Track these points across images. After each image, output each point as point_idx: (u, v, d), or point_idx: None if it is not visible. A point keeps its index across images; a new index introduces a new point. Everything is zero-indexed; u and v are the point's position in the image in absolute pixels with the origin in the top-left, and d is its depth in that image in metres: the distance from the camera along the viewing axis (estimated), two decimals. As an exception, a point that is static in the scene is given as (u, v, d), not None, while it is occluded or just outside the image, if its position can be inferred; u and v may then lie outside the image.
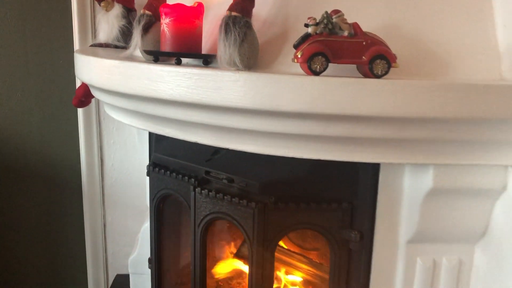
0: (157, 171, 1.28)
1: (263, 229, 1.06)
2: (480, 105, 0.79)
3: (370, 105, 0.79)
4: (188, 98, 0.88)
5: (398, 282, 1.07)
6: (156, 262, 1.39)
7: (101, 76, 1.04)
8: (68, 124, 1.74)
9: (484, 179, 0.94)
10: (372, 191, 1.02)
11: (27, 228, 1.83)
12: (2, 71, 1.68)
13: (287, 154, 0.91)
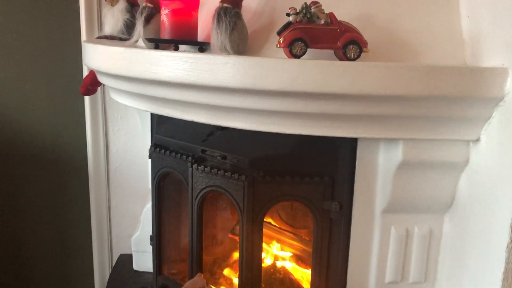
0: (158, 151, 1.39)
1: (252, 200, 1.17)
2: (438, 84, 0.90)
3: (342, 84, 0.90)
4: (185, 79, 0.99)
5: (375, 249, 1.17)
6: (157, 237, 1.50)
7: (107, 62, 1.15)
8: (76, 112, 1.84)
9: (449, 153, 1.04)
10: (351, 166, 1.13)
11: (37, 210, 1.93)
12: (14, 61, 1.78)
13: (272, 129, 1.02)
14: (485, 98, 0.93)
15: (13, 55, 1.78)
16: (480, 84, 0.91)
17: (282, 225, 1.51)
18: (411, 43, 1.07)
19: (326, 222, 1.17)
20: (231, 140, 1.24)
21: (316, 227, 1.18)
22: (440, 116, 0.97)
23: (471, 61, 1.03)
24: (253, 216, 1.18)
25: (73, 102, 1.84)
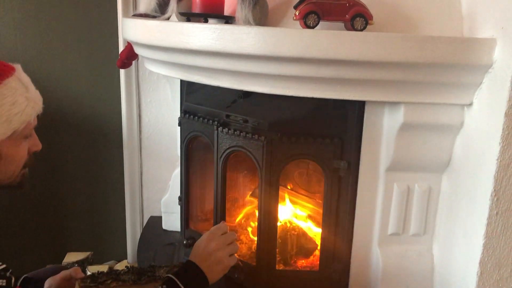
0: (188, 117, 1.54)
1: (270, 158, 1.32)
2: (434, 52, 1.02)
3: (350, 51, 1.03)
4: (213, 48, 1.14)
5: (379, 203, 1.31)
6: (186, 195, 1.66)
7: (146, 34, 1.31)
8: (112, 85, 2.00)
9: (445, 116, 1.16)
10: (358, 128, 1.26)
11: (76, 174, 2.11)
12: (56, 39, 1.94)
13: (288, 93, 1.16)
14: (476, 65, 1.05)
15: (56, 32, 1.95)
16: (471, 53, 1.03)
17: (298, 190, 1.65)
18: (413, 17, 1.19)
19: (335, 179, 1.31)
20: (252, 106, 1.38)
21: (326, 183, 1.32)
22: (437, 81, 1.09)
23: (468, 34, 1.15)
24: (271, 173, 1.33)
25: (110, 76, 2.00)
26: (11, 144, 0.98)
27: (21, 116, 0.97)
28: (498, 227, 1.06)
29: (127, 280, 1.23)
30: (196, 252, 1.21)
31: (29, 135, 1.04)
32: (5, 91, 0.95)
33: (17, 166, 1.02)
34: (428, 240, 1.32)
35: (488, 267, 1.09)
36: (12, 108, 0.96)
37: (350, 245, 1.35)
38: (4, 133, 0.94)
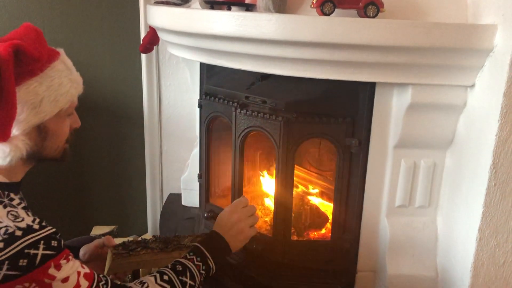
0: (208, 98, 1.65)
1: (287, 136, 1.42)
2: (439, 37, 1.12)
3: (362, 37, 1.13)
4: (236, 33, 1.24)
5: (387, 178, 1.42)
6: (207, 171, 1.77)
7: (171, 20, 1.42)
8: (134, 69, 2.11)
9: (450, 97, 1.26)
10: (369, 108, 1.36)
11: (99, 153, 2.23)
12: (82, 25, 2.05)
13: (305, 75, 1.26)
14: (478, 49, 1.15)
15: (81, 19, 2.05)
16: (474, 38, 1.13)
17: (310, 168, 1.76)
18: (421, 5, 1.28)
19: (347, 155, 1.42)
20: (269, 88, 1.48)
21: (339, 160, 1.43)
22: (442, 64, 1.19)
23: (472, 20, 1.24)
24: (288, 150, 1.43)
25: (132, 60, 2.11)
26: (57, 121, 1.07)
27: (66, 96, 1.06)
28: (496, 197, 1.17)
29: (155, 248, 1.33)
30: (219, 223, 1.33)
31: (71, 113, 1.13)
32: (53, 74, 1.03)
33: (61, 141, 1.12)
34: (432, 212, 1.43)
35: (487, 234, 1.20)
36: (59, 88, 1.04)
37: (360, 216, 1.46)
38: (52, 111, 1.03)
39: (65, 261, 0.97)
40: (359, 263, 1.51)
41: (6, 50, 0.92)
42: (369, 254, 1.49)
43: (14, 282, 0.89)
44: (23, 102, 0.98)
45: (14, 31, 1.03)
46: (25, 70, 0.98)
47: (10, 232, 0.90)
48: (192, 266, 1.19)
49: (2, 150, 0.98)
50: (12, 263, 0.89)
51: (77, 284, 0.98)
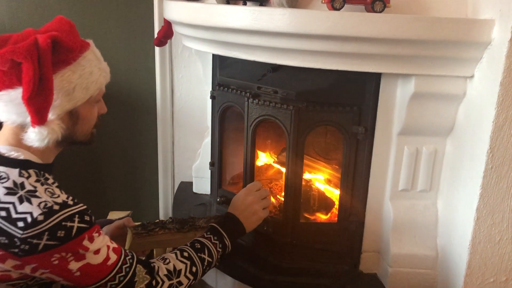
0: (222, 89, 1.74)
1: (297, 124, 1.51)
2: (441, 31, 1.21)
3: (369, 30, 1.22)
4: (251, 27, 1.32)
5: (391, 164, 1.51)
6: (219, 158, 1.85)
7: (190, 14, 1.50)
8: (148, 62, 2.20)
9: (450, 87, 1.35)
10: (375, 98, 1.45)
11: (114, 142, 2.32)
12: (98, 20, 2.14)
13: (315, 66, 1.35)
14: (477, 42, 1.24)
15: (97, 14, 2.14)
16: (473, 32, 1.22)
17: (317, 157, 1.85)
18: (425, 1, 1.37)
19: (353, 142, 1.51)
20: (280, 79, 1.56)
21: (345, 146, 1.52)
22: (444, 56, 1.28)
23: (471, 16, 1.33)
24: (298, 137, 1.52)
25: (146, 54, 2.20)
26: (87, 108, 1.15)
27: (96, 84, 1.13)
28: (492, 179, 1.26)
29: (172, 229, 1.42)
30: (234, 205, 1.42)
31: (99, 100, 1.22)
32: (84, 63, 1.10)
33: (90, 126, 1.20)
34: (433, 196, 1.52)
35: (484, 213, 1.30)
36: (90, 77, 1.11)
37: (365, 200, 1.56)
38: (83, 98, 1.11)
39: (97, 234, 1.06)
40: (364, 244, 1.60)
41: (45, 41, 1.00)
42: (373, 236, 1.59)
43: (52, 251, 0.98)
44: (58, 89, 1.05)
45: (49, 24, 1.11)
46: (60, 59, 1.05)
47: (49, 206, 0.98)
48: (209, 244, 1.28)
49: (41, 132, 1.04)
50: (51, 234, 0.97)
51: (107, 256, 1.07)
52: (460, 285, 1.38)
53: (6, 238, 0.95)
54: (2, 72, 1.02)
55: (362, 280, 1.60)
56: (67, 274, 1.02)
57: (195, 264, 1.23)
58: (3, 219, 0.96)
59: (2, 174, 1.01)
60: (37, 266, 0.99)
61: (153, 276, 1.14)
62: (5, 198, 0.97)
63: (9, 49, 0.97)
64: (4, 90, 1.03)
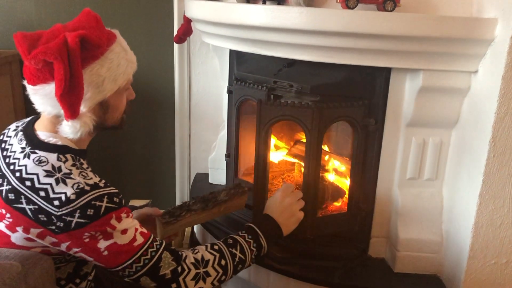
0: (239, 83, 1.83)
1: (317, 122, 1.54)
2: (447, 29, 1.30)
3: (381, 27, 1.32)
4: (271, 24, 1.43)
5: (399, 154, 1.60)
6: (236, 150, 1.95)
7: (212, 13, 1.61)
8: (167, 58, 2.30)
9: (456, 81, 1.44)
10: (385, 91, 1.55)
11: (134, 135, 2.43)
12: (120, 18, 2.25)
13: (330, 61, 1.45)
14: (481, 40, 1.33)
15: (120, 13, 2.26)
16: (478, 30, 1.32)
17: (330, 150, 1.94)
18: (432, 1, 1.47)
19: (364, 133, 1.61)
20: (295, 74, 1.66)
21: (357, 137, 1.62)
22: (450, 52, 1.37)
23: (476, 15, 1.43)
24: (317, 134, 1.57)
25: (165, 51, 2.31)
26: (116, 97, 1.21)
27: (124, 75, 1.17)
28: (494, 167, 1.36)
29: (197, 209, 1.46)
30: (271, 207, 1.42)
31: (128, 88, 1.28)
32: (112, 56, 1.14)
33: (120, 112, 1.27)
34: (439, 184, 1.62)
35: (486, 199, 1.39)
36: (118, 69, 1.15)
37: (375, 188, 1.66)
38: (112, 89, 1.16)
39: (125, 215, 1.11)
40: (373, 230, 1.70)
41: (73, 40, 1.04)
42: (382, 222, 1.68)
43: (83, 229, 1.04)
44: (88, 83, 1.10)
45: (77, 19, 1.16)
46: (89, 55, 1.10)
47: (81, 187, 1.05)
48: (243, 242, 1.29)
49: (74, 126, 1.10)
50: (82, 212, 1.03)
51: (133, 238, 1.11)
52: (463, 267, 1.47)
53: (45, 216, 1.04)
54: (36, 69, 1.09)
55: (371, 264, 1.69)
56: (96, 253, 1.08)
57: (224, 257, 1.23)
58: (42, 199, 1.04)
59: (42, 158, 1.09)
60: (70, 244, 1.07)
61: (179, 263, 1.16)
62: (44, 180, 1.06)
63: (41, 49, 1.03)
64: (39, 85, 1.10)
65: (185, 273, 1.16)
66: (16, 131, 1.20)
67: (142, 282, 1.14)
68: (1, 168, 1.13)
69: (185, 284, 1.16)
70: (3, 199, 1.08)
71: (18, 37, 1.08)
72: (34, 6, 2.24)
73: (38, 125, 1.18)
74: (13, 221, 1.07)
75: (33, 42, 1.08)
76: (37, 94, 1.12)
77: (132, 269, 1.11)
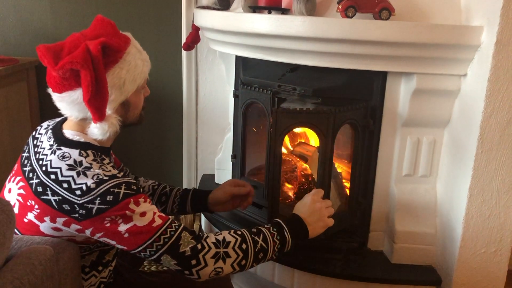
0: (245, 87, 1.95)
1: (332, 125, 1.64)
2: (438, 36, 1.42)
3: (377, 34, 1.44)
4: (275, 32, 1.55)
5: (396, 152, 1.71)
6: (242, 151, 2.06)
7: (220, 21, 1.72)
8: (175, 65, 2.43)
9: (447, 84, 1.56)
10: (382, 94, 1.66)
11: (144, 137, 2.55)
12: (131, 27, 2.38)
13: (331, 65, 1.57)
14: (469, 45, 1.45)
15: (132, 22, 2.38)
16: (466, 36, 1.44)
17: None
18: (425, 10, 1.59)
19: (364, 133, 1.72)
20: (298, 78, 1.76)
21: (358, 136, 1.73)
22: (441, 57, 1.49)
23: (464, 23, 1.54)
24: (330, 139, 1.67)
25: (174, 58, 2.43)
26: (135, 95, 1.30)
27: (141, 74, 1.25)
28: (482, 162, 1.48)
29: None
30: (301, 208, 1.41)
31: (144, 86, 1.36)
32: (129, 58, 1.22)
33: (139, 109, 1.36)
34: (433, 180, 1.73)
35: (475, 192, 1.51)
36: (135, 69, 1.23)
37: (373, 184, 1.77)
38: (133, 89, 1.26)
39: (143, 199, 1.17)
40: (372, 224, 1.81)
41: (96, 47, 1.12)
42: (380, 216, 1.79)
43: (104, 214, 1.12)
44: (111, 86, 1.17)
45: (93, 27, 1.22)
46: (110, 60, 1.18)
47: (100, 178, 1.14)
48: (266, 232, 1.30)
49: (102, 127, 1.18)
50: (102, 199, 1.11)
51: (152, 219, 1.16)
52: (455, 257, 1.58)
53: (69, 205, 1.13)
54: (62, 78, 1.15)
55: (370, 256, 1.80)
56: (118, 237, 1.15)
57: (246, 242, 1.25)
58: (65, 190, 1.13)
59: (66, 153, 1.19)
60: (94, 229, 1.15)
61: (199, 241, 1.20)
62: (66, 173, 1.15)
63: (67, 60, 1.10)
64: (66, 92, 1.17)
65: (205, 251, 1.19)
66: (47, 129, 1.30)
67: (163, 260, 1.18)
68: (32, 163, 1.22)
69: (205, 261, 1.19)
70: (33, 192, 1.18)
71: (42, 50, 1.14)
72: (50, 15, 2.37)
73: (66, 125, 1.28)
74: (40, 212, 1.17)
75: (57, 53, 1.15)
76: (63, 101, 1.20)
77: (152, 248, 1.16)
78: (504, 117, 1.43)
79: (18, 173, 1.26)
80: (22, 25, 2.39)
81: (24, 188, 1.20)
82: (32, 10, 2.37)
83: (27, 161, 1.25)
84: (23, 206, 1.20)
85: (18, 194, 1.22)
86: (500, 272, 1.58)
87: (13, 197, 1.23)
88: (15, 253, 1.08)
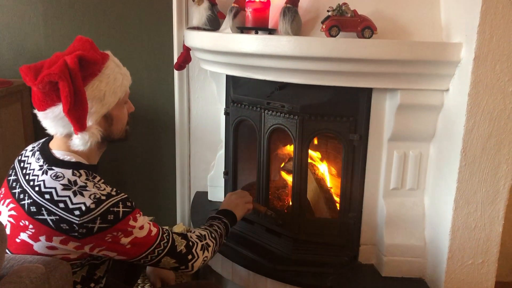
0: (236, 105, 1.99)
1: (301, 132, 1.73)
2: (419, 53, 1.47)
3: (361, 52, 1.48)
4: (262, 51, 1.59)
5: (383, 166, 1.75)
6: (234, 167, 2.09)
7: (211, 42, 1.77)
8: (167, 84, 2.46)
9: (431, 99, 1.60)
10: (367, 109, 1.70)
11: (137, 155, 2.57)
12: (123, 48, 2.42)
13: (317, 83, 1.61)
14: (450, 61, 1.50)
15: (124, 43, 2.43)
16: (446, 53, 1.49)
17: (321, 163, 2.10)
18: (407, 28, 1.64)
19: (350, 148, 1.75)
20: (286, 96, 1.80)
21: (344, 151, 1.77)
22: (423, 73, 1.54)
23: (445, 40, 1.60)
24: (303, 142, 1.75)
25: (166, 77, 2.47)
26: (118, 109, 1.33)
27: (121, 87, 1.29)
28: (466, 174, 1.51)
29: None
30: (224, 203, 1.75)
31: (126, 101, 1.40)
32: (108, 72, 1.26)
33: (123, 124, 1.39)
34: (420, 193, 1.76)
35: (460, 204, 1.54)
36: (115, 82, 1.27)
37: (361, 198, 1.79)
38: (114, 101, 1.29)
39: (139, 215, 1.26)
40: (362, 238, 1.83)
41: (72, 60, 1.17)
42: (369, 229, 1.82)
43: (105, 232, 1.18)
44: (91, 98, 1.22)
45: (72, 45, 1.29)
46: (88, 73, 1.22)
47: (98, 197, 1.19)
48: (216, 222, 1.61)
49: (83, 138, 1.23)
50: (103, 218, 1.17)
51: (149, 229, 1.27)
52: (443, 268, 1.61)
53: (67, 224, 1.16)
54: (43, 94, 1.20)
55: (361, 270, 1.82)
56: (120, 248, 1.22)
57: (212, 232, 1.51)
58: (62, 210, 1.16)
59: (59, 173, 1.22)
60: (94, 245, 1.20)
61: (188, 239, 1.38)
62: (62, 193, 1.18)
63: (45, 73, 1.15)
64: (49, 109, 1.22)
65: (195, 246, 1.39)
66: (33, 151, 1.33)
67: (163, 262, 1.32)
68: (22, 185, 1.25)
69: (197, 254, 1.39)
70: (26, 212, 1.20)
71: (24, 69, 1.20)
72: (43, 38, 2.41)
73: (52, 145, 1.31)
74: (35, 231, 1.19)
75: (37, 70, 1.20)
76: (47, 118, 1.24)
77: (154, 254, 1.29)
78: (485, 130, 1.47)
79: (7, 196, 1.28)
80: (17, 47, 2.43)
81: (15, 209, 1.22)
82: (26, 32, 2.42)
83: (15, 183, 1.27)
84: (15, 226, 1.22)
85: (9, 215, 1.24)
86: (488, 283, 1.61)
87: (4, 218, 1.25)
88: (6, 272, 1.10)
